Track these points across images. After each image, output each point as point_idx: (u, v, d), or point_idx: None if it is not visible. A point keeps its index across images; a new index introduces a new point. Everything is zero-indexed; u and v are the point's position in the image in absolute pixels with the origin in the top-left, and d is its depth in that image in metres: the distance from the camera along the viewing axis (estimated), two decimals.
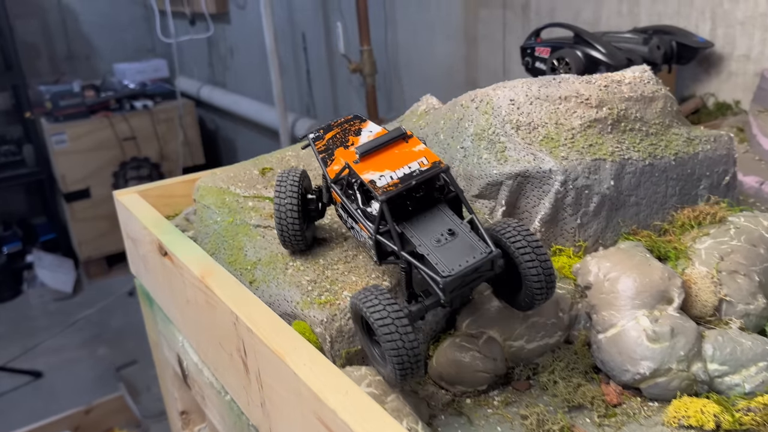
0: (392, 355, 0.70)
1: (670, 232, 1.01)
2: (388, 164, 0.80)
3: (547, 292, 0.79)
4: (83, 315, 4.74)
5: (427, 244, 0.75)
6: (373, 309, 0.71)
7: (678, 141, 1.04)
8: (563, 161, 0.95)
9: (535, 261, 0.77)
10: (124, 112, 5.08)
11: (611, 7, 2.30)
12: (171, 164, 5.32)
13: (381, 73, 3.43)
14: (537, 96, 1.00)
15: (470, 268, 0.72)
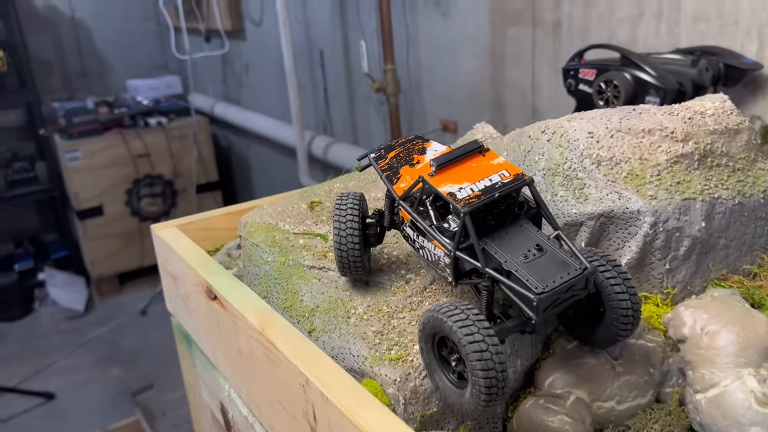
0: (481, 376, 0.64)
1: (760, 276, 0.93)
2: (466, 177, 0.76)
3: (633, 326, 0.74)
4: (95, 334, 4.66)
5: (514, 260, 0.70)
6: (460, 323, 0.65)
7: (765, 177, 0.97)
8: (652, 201, 0.87)
9: (624, 292, 0.73)
10: (138, 129, 5.04)
11: (649, 28, 2.23)
12: (184, 181, 5.27)
13: (403, 92, 3.37)
14: (618, 128, 0.93)
15: (565, 285, 0.67)
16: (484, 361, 0.63)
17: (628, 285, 0.73)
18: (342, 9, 3.76)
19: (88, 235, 5.00)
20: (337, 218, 0.84)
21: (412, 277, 0.93)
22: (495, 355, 0.64)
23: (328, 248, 1.00)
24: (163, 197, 5.25)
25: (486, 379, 0.64)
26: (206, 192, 5.36)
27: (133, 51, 6.07)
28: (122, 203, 5.06)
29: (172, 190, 5.27)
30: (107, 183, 4.96)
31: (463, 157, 0.79)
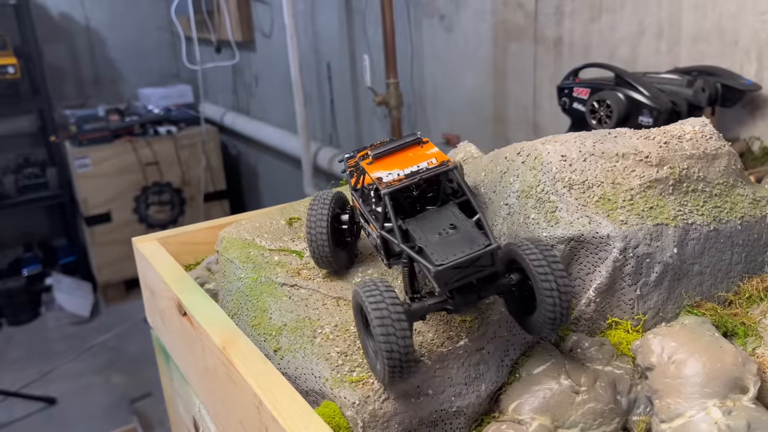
0: (386, 355, 0.68)
1: (735, 304, 0.92)
2: (398, 164, 0.82)
3: (561, 316, 0.74)
4: (99, 340, 4.69)
5: (428, 238, 0.74)
6: (373, 301, 0.69)
7: (743, 203, 0.96)
8: (622, 226, 0.86)
9: (553, 289, 0.73)
10: (148, 137, 5.09)
11: (649, 46, 2.22)
12: (192, 189, 5.31)
13: (406, 106, 3.37)
14: (591, 152, 0.92)
15: (466, 260, 0.69)
16: (386, 337, 0.67)
17: (559, 282, 0.73)
18: (349, 23, 3.78)
19: (96, 241, 5.04)
20: (309, 214, 0.89)
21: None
22: (398, 332, 0.67)
23: (302, 265, 1.00)
24: (171, 205, 5.28)
25: (390, 359, 0.67)
26: (214, 200, 5.40)
27: (146, 60, 6.14)
28: (130, 210, 5.10)
29: (180, 198, 5.30)
30: (116, 190, 5.01)
31: (402, 147, 0.85)
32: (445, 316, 0.88)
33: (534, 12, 2.60)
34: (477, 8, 2.89)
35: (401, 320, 0.68)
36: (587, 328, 0.90)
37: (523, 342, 0.87)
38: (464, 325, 0.85)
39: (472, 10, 2.91)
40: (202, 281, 1.11)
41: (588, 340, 0.87)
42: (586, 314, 0.89)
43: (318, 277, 0.97)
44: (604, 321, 0.89)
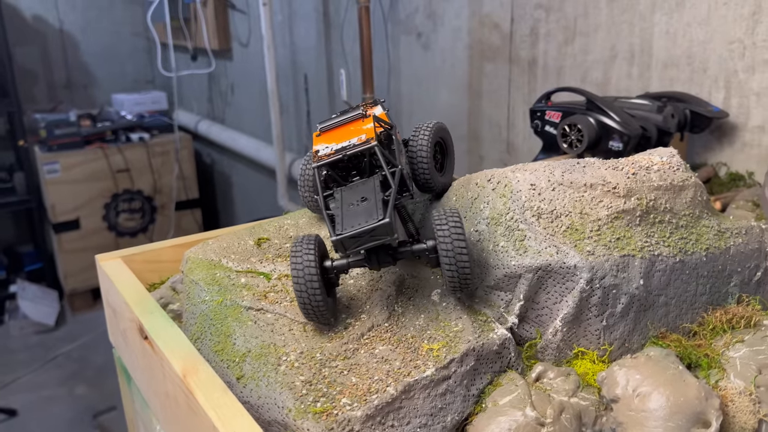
0: (297, 300, 0.83)
1: (700, 335, 0.93)
2: (338, 138, 0.89)
3: (458, 276, 0.82)
4: (64, 350, 4.59)
5: (343, 208, 0.82)
6: (294, 255, 0.82)
7: (709, 234, 0.97)
8: (589, 256, 0.86)
9: (448, 242, 0.80)
10: (120, 144, 5.02)
11: (621, 70, 2.25)
12: (164, 197, 5.24)
13: None
14: (560, 182, 0.93)
15: (361, 231, 0.78)
16: (298, 286, 0.82)
17: (455, 245, 0.80)
18: (327, 36, 3.78)
19: (63, 249, 4.94)
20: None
21: (351, 322, 0.92)
22: (308, 289, 0.81)
23: (270, 288, 0.99)
24: (142, 213, 5.21)
25: (300, 302, 0.83)
26: (186, 209, 5.33)
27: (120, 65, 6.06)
28: (99, 217, 5.01)
29: (151, 206, 5.23)
30: (85, 197, 4.92)
31: (347, 121, 0.92)
32: (413, 344, 0.87)
33: (509, 33, 2.63)
34: (454, 27, 2.91)
35: (312, 281, 0.81)
36: (554, 357, 0.90)
37: (491, 371, 0.87)
38: (431, 353, 0.84)
39: (449, 28, 2.93)
40: (166, 301, 1.09)
41: (554, 370, 0.87)
42: (553, 343, 0.89)
43: (285, 300, 0.96)
44: (571, 350, 0.89)
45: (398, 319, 0.91)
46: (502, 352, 0.87)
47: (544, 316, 0.90)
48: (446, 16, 2.93)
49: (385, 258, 0.85)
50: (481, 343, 0.85)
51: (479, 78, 2.84)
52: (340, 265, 0.85)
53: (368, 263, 0.84)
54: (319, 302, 0.83)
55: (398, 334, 0.89)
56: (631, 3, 2.17)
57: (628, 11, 2.19)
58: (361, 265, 0.85)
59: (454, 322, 0.89)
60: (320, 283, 0.82)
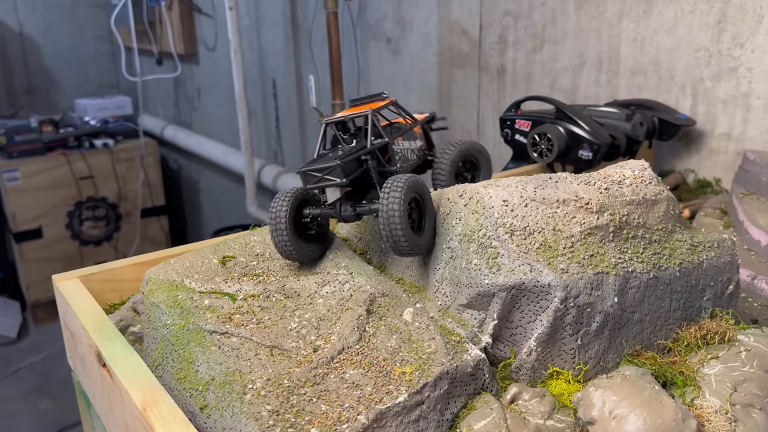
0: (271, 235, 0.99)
1: (675, 351, 0.92)
2: (354, 110, 1.07)
3: (392, 246, 0.91)
4: (27, 363, 4.45)
5: (332, 154, 0.99)
6: (274, 201, 0.98)
7: (682, 249, 0.96)
8: (563, 274, 0.85)
9: (385, 213, 0.89)
10: (83, 150, 4.89)
11: (589, 77, 2.26)
12: (129, 204, 5.12)
13: None
14: (533, 198, 0.91)
15: (316, 168, 0.93)
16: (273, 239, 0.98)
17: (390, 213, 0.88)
18: (295, 40, 3.74)
19: (25, 259, 4.79)
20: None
21: (321, 345, 0.89)
22: (278, 230, 0.97)
23: (235, 309, 0.95)
24: (106, 221, 5.08)
25: (272, 239, 0.98)
26: (152, 216, 5.22)
27: (84, 70, 5.92)
28: (62, 226, 4.88)
29: (115, 214, 5.11)
30: (47, 205, 4.78)
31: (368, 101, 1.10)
32: (385, 368, 0.84)
33: (478, 40, 2.62)
34: (423, 33, 2.89)
35: (280, 229, 0.97)
36: (529, 377, 0.88)
37: (465, 393, 0.84)
38: (404, 377, 0.82)
39: (418, 35, 2.92)
40: (127, 324, 1.04)
41: (529, 392, 0.85)
42: (527, 363, 0.87)
43: (251, 323, 0.92)
44: (546, 370, 0.88)
45: (369, 341, 0.89)
46: (476, 374, 0.85)
47: (518, 336, 0.88)
48: (415, 23, 2.92)
49: (346, 210, 0.98)
50: (455, 366, 0.83)
51: (449, 84, 2.83)
52: (315, 212, 1.00)
53: (335, 214, 0.98)
54: (284, 237, 0.97)
55: (369, 356, 0.86)
56: (599, 10, 2.18)
57: (596, 18, 2.20)
58: (330, 215, 0.99)
59: (427, 343, 0.87)
60: (288, 222, 0.97)
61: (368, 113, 1.03)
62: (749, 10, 1.84)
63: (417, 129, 1.15)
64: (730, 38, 1.89)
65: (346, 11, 3.21)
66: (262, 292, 0.98)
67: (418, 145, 1.13)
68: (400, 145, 1.07)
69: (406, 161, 1.08)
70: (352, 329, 0.89)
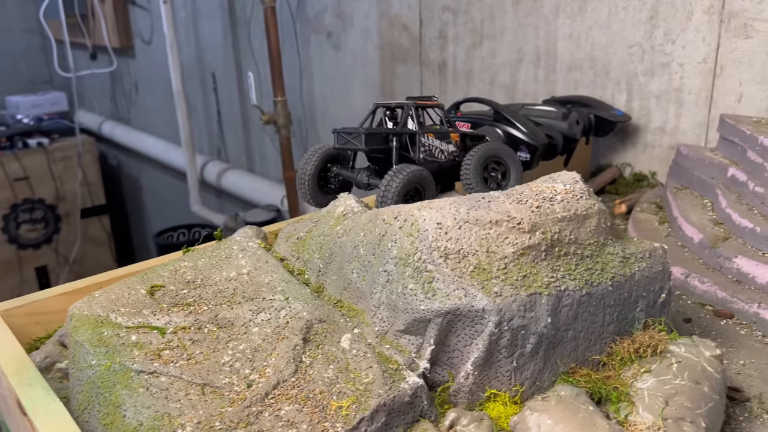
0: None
1: (609, 366, 0.93)
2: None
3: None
4: None
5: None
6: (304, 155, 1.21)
7: (614, 262, 0.97)
8: (497, 298, 0.84)
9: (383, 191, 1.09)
10: (16, 150, 4.68)
11: (528, 73, 2.28)
12: (68, 205, 4.94)
13: (296, 122, 3.29)
14: (466, 219, 0.90)
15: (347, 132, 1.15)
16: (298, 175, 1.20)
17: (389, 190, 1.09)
18: (234, 33, 3.64)
19: None
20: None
21: (255, 379, 0.86)
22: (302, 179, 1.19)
23: (164, 344, 0.91)
24: (45, 223, 4.90)
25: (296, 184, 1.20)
26: (92, 217, 5.05)
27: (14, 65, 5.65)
28: None
29: (54, 215, 4.92)
30: None
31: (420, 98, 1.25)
32: (322, 402, 0.83)
33: (419, 35, 2.60)
34: (363, 27, 2.86)
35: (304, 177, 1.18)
36: (467, 400, 0.88)
37: (403, 423, 0.83)
38: (340, 412, 0.80)
39: (359, 29, 2.88)
40: (53, 360, 0.99)
41: (467, 416, 0.85)
42: (465, 387, 0.87)
43: (182, 358, 0.89)
44: (483, 393, 0.88)
45: (306, 372, 0.87)
46: (414, 401, 0.84)
47: (456, 359, 0.88)
48: (355, 17, 2.88)
49: (362, 177, 1.17)
50: (392, 396, 0.82)
51: (391, 79, 2.81)
52: (337, 171, 1.19)
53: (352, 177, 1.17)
54: (305, 186, 1.17)
55: (306, 390, 0.84)
56: (536, 6, 2.19)
57: (533, 14, 2.21)
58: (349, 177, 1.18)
59: (364, 372, 0.86)
60: (312, 172, 1.16)
61: (409, 103, 1.19)
62: (679, 7, 1.87)
63: (454, 136, 1.28)
64: (662, 34, 1.93)
65: (285, 4, 3.14)
66: (194, 324, 0.95)
67: (450, 149, 1.25)
68: (431, 141, 1.20)
69: (432, 157, 1.20)
70: (287, 361, 0.87)
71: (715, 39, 1.83)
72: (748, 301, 1.32)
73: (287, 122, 2.93)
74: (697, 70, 1.87)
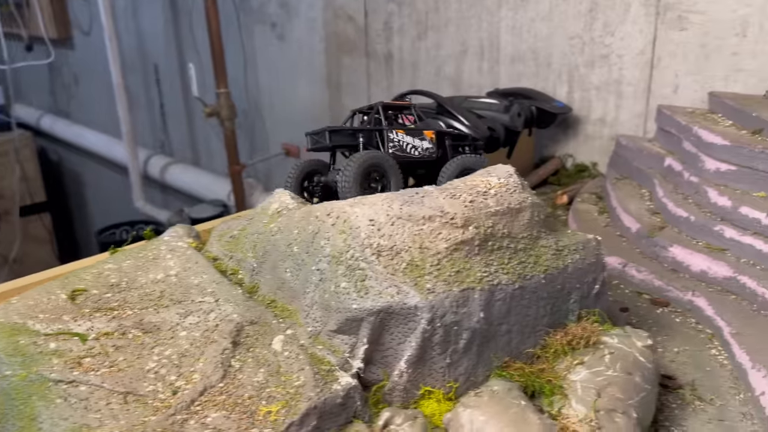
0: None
1: (543, 358, 0.93)
2: None
3: None
4: None
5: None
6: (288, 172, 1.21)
7: (547, 254, 0.97)
8: (429, 295, 0.83)
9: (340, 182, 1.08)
10: None
11: (472, 65, 2.28)
12: (6, 203, 4.73)
13: (243, 113, 3.23)
14: (399, 215, 0.89)
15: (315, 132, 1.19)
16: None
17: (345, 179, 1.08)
18: (175, 23, 3.53)
19: None
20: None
21: (181, 386, 0.83)
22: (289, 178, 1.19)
23: (85, 351, 0.87)
24: None
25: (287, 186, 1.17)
26: (32, 215, 4.86)
27: None
28: None
29: None
30: None
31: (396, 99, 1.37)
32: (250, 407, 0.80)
33: (364, 26, 2.57)
34: (308, 18, 2.81)
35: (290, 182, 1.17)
36: (401, 398, 0.86)
37: (335, 425, 0.82)
38: (269, 417, 0.78)
39: (304, 19, 2.83)
40: None
41: (401, 415, 0.83)
42: (399, 385, 0.86)
43: (104, 366, 0.85)
44: (418, 390, 0.86)
45: (235, 377, 0.84)
46: (347, 402, 0.82)
47: (390, 357, 0.87)
48: (300, 7, 2.82)
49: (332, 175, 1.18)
50: (324, 399, 0.80)
51: (338, 71, 2.77)
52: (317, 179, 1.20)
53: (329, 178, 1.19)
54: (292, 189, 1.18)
55: (234, 395, 0.81)
56: None
57: (476, 6, 2.21)
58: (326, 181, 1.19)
59: (296, 375, 0.83)
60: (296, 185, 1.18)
61: (377, 104, 1.26)
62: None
63: (429, 133, 1.30)
64: (601, 26, 1.95)
65: None
66: (117, 329, 0.91)
67: (424, 146, 1.27)
68: (400, 137, 1.23)
69: (402, 152, 1.22)
70: (215, 366, 0.84)
71: (652, 31, 1.86)
72: (682, 289, 1.35)
73: (231, 114, 2.87)
74: (635, 61, 1.91)
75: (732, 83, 1.75)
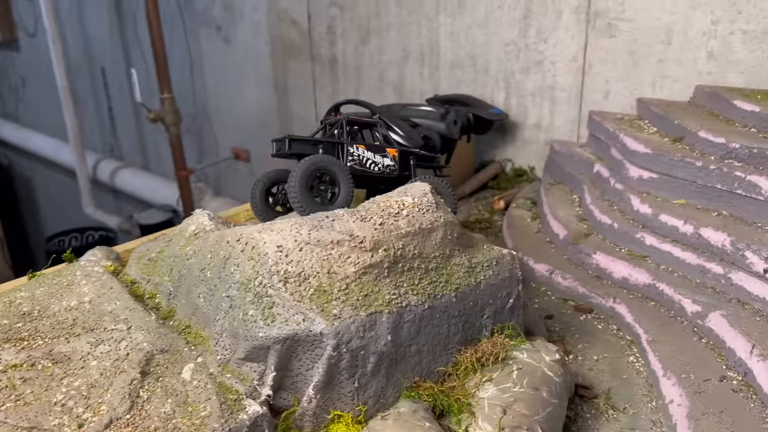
0: None
1: (454, 376, 0.95)
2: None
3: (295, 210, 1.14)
4: None
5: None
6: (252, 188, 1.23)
7: (459, 272, 0.99)
8: (335, 321, 0.84)
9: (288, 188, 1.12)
10: None
11: (414, 70, 2.29)
12: None
13: (190, 117, 3.19)
14: (307, 241, 0.89)
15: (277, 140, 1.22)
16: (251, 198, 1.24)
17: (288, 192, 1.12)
18: (121, 25, 3.47)
19: None
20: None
21: (88, 418, 0.83)
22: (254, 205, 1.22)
23: None
24: None
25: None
26: None
27: None
28: None
29: None
30: None
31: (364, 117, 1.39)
32: None
33: (308, 30, 2.56)
34: (253, 21, 2.79)
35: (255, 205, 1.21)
36: (312, 424, 0.87)
37: None
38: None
39: (248, 22, 2.81)
40: None
41: None
42: (309, 411, 0.87)
43: (9, 400, 0.84)
44: (327, 415, 0.88)
45: (142, 408, 0.84)
46: (255, 431, 0.83)
47: (300, 383, 0.87)
48: (245, 9, 2.80)
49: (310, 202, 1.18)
50: (229, 428, 0.80)
51: (284, 75, 2.76)
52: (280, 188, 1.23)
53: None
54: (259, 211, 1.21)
55: (140, 427, 0.81)
56: (418, 3, 2.20)
57: (416, 12, 2.22)
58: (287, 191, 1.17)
59: (203, 404, 0.84)
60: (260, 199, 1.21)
61: (341, 118, 1.30)
62: (550, 6, 1.93)
63: (392, 151, 1.34)
64: (535, 33, 1.98)
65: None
66: (26, 360, 0.90)
67: (385, 162, 1.32)
68: (361, 152, 1.27)
69: (362, 167, 1.26)
70: (123, 397, 0.84)
71: (583, 38, 1.89)
72: (605, 296, 1.39)
73: (176, 120, 2.83)
74: (568, 68, 1.94)
75: (659, 89, 1.80)
